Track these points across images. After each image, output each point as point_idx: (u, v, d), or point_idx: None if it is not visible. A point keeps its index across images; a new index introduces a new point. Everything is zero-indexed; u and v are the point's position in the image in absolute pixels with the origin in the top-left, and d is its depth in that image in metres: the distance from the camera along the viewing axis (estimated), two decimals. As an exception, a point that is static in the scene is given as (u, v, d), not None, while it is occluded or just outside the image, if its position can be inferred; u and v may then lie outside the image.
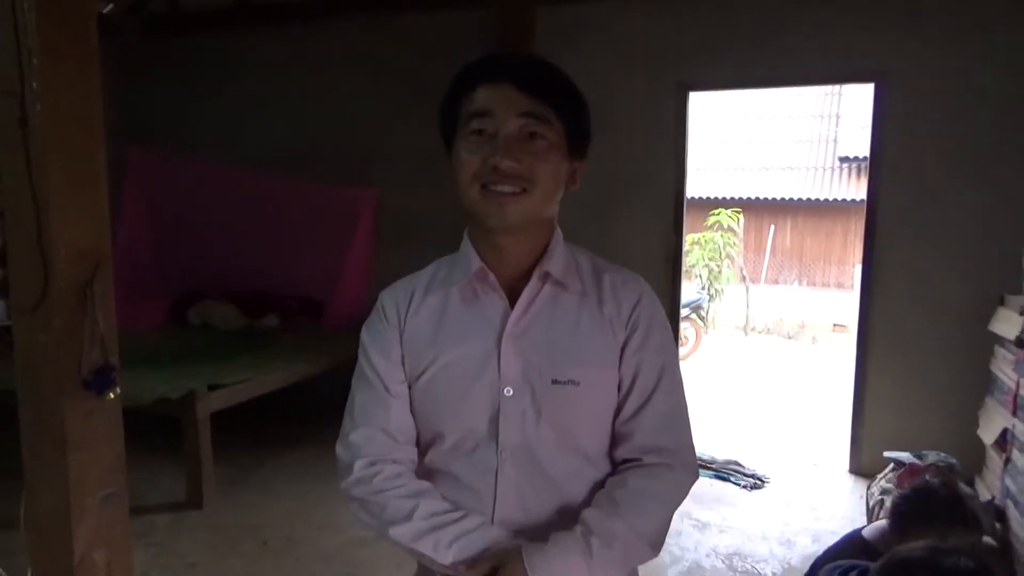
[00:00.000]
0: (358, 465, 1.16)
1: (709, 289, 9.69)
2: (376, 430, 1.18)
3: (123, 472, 2.01)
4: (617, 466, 1.20)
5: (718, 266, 10.00)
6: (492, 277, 1.17)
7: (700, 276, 9.85)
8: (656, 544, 1.15)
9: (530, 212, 1.13)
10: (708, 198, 11.97)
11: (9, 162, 1.79)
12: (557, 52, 4.49)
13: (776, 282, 12.70)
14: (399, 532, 1.12)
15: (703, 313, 8.97)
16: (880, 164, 3.96)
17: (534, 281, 1.17)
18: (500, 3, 4.53)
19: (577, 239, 1.23)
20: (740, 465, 4.27)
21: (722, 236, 10.11)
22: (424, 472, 1.21)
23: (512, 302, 1.17)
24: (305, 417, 5.03)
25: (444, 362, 1.17)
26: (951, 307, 3.84)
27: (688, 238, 10.44)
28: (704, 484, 4.07)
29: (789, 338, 10.12)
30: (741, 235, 10.73)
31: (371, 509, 1.15)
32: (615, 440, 1.20)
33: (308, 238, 5.26)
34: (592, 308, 1.18)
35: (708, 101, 4.57)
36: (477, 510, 1.15)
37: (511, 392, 1.14)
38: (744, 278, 10.73)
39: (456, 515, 1.13)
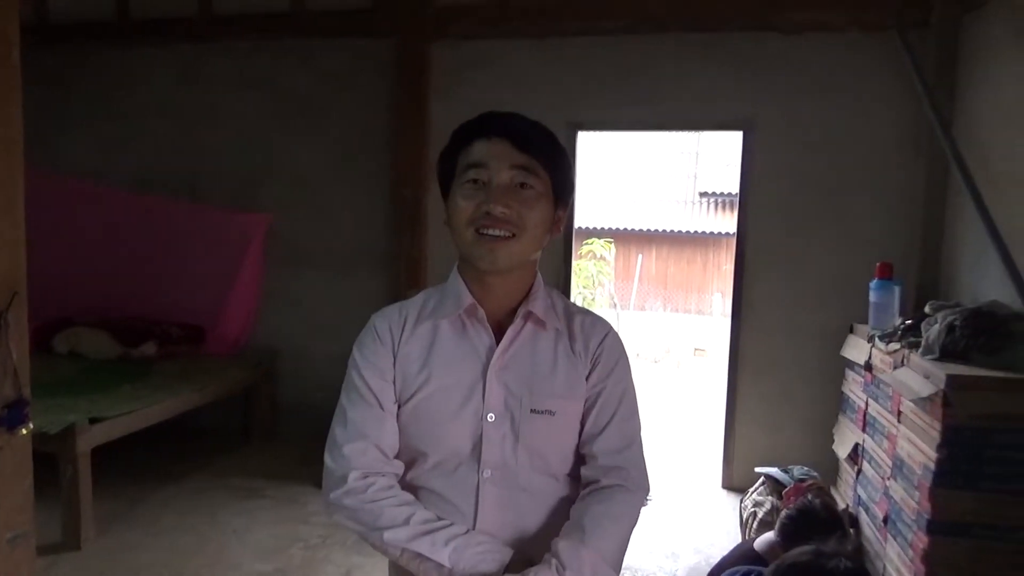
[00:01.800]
0: (352, 477, 1.24)
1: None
2: (369, 444, 1.26)
3: (31, 512, 1.91)
4: (582, 484, 1.33)
5: (591, 292, 10.45)
6: (481, 312, 1.30)
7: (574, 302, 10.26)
8: (618, 564, 1.28)
9: (518, 255, 1.26)
10: (582, 228, 12.50)
11: (-82, 186, 1.69)
12: (452, 86, 4.67)
13: (643, 308, 13.39)
14: (394, 535, 1.21)
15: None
16: (747, 202, 4.36)
17: (518, 320, 1.31)
18: (399, 35, 4.63)
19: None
20: (625, 484, 4.51)
21: (595, 264, 10.59)
22: (404, 488, 1.29)
23: (497, 336, 1.30)
24: (190, 449, 4.83)
25: (433, 388, 1.28)
26: (810, 333, 4.27)
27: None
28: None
29: (656, 362, 10.71)
30: (612, 263, 11.27)
31: (362, 518, 1.23)
32: (580, 461, 1.34)
33: (193, 262, 5.07)
34: (565, 345, 1.33)
35: (585, 137, 4.85)
36: (459, 522, 1.26)
37: (493, 418, 1.27)
38: (615, 304, 11.26)
39: (446, 523, 1.24)
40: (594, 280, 10.49)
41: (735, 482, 4.44)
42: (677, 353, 10.87)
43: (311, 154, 4.97)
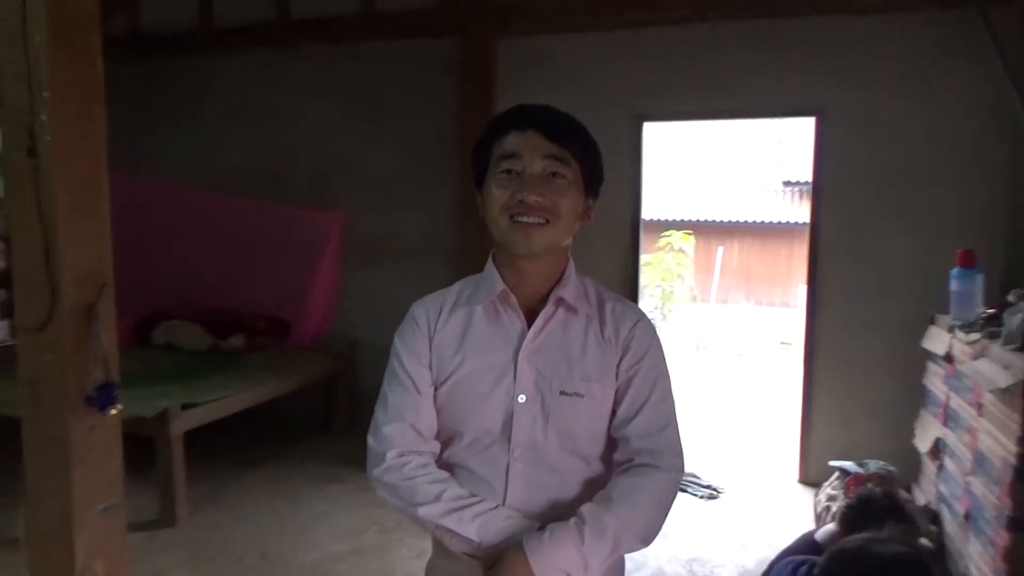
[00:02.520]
0: (390, 455, 1.31)
1: (661, 308, 9.99)
2: (406, 425, 1.33)
3: (121, 486, 2.09)
4: (614, 466, 1.36)
5: (670, 286, 10.32)
6: (513, 298, 1.35)
7: (653, 296, 10.16)
8: (646, 537, 1.30)
9: (551, 241, 1.31)
10: (660, 220, 12.35)
11: (18, 190, 1.88)
12: (518, 82, 4.73)
13: (725, 301, 13.12)
14: (427, 511, 1.27)
15: (658, 329, 9.24)
16: (820, 191, 4.25)
17: (549, 305, 1.35)
18: (464, 34, 4.73)
19: None
20: (696, 477, 4.48)
21: (673, 257, 10.46)
22: (443, 466, 1.36)
23: (529, 321, 1.34)
24: (274, 437, 5.09)
25: (467, 370, 1.34)
26: (887, 325, 4.12)
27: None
28: (663, 495, 4.26)
29: (738, 356, 10.49)
30: (692, 256, 11.10)
31: (401, 493, 1.30)
32: (612, 444, 1.37)
33: (276, 259, 5.33)
34: (596, 331, 1.36)
35: (661, 127, 4.85)
36: (490, 498, 1.31)
37: (524, 399, 1.32)
38: (695, 297, 11.09)
39: (476, 499, 1.29)
40: (673, 273, 10.36)
41: (811, 476, 4.34)
42: (761, 347, 10.61)
43: (382, 153, 5.13)
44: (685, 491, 4.31)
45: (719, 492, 4.30)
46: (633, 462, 1.33)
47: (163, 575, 3.30)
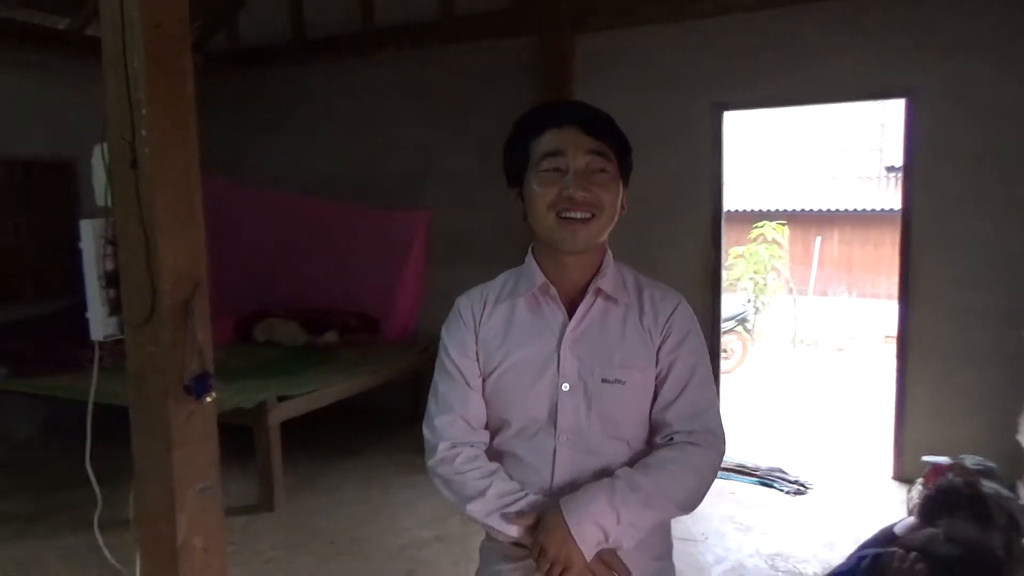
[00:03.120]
0: (442, 447, 1.38)
1: (755, 302, 9.73)
2: (456, 416, 1.40)
3: (217, 467, 2.27)
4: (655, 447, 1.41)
5: (763, 279, 10.03)
6: (553, 290, 1.39)
7: (745, 289, 9.90)
8: (682, 504, 1.33)
9: (596, 235, 1.35)
10: (752, 210, 12.01)
11: (123, 199, 2.08)
12: (594, 78, 4.77)
13: (825, 294, 12.62)
14: (474, 508, 1.34)
15: (748, 326, 9.03)
16: (913, 175, 4.07)
17: (589, 295, 1.39)
18: (540, 33, 4.79)
19: (619, 256, 1.46)
20: (784, 472, 4.38)
21: (767, 248, 10.15)
22: (493, 454, 1.42)
23: (569, 312, 1.39)
24: (366, 428, 5.31)
25: (512, 361, 1.39)
26: (988, 314, 3.91)
27: (732, 251, 10.51)
28: (748, 490, 4.20)
29: (839, 350, 10.08)
30: (786, 247, 10.74)
31: (453, 487, 1.37)
32: (653, 428, 1.41)
33: (366, 259, 5.57)
34: (635, 319, 1.40)
35: (751, 113, 4.77)
36: (537, 483, 1.37)
37: (568, 387, 1.36)
38: (791, 290, 10.73)
39: (520, 495, 1.35)
40: (766, 265, 10.06)
41: (906, 473, 4.17)
42: (863, 341, 10.17)
43: (463, 154, 5.26)
44: (771, 486, 4.23)
45: (807, 488, 4.20)
46: (674, 440, 1.37)
47: (261, 556, 3.53)
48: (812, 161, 13.25)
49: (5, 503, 4.08)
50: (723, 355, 8.41)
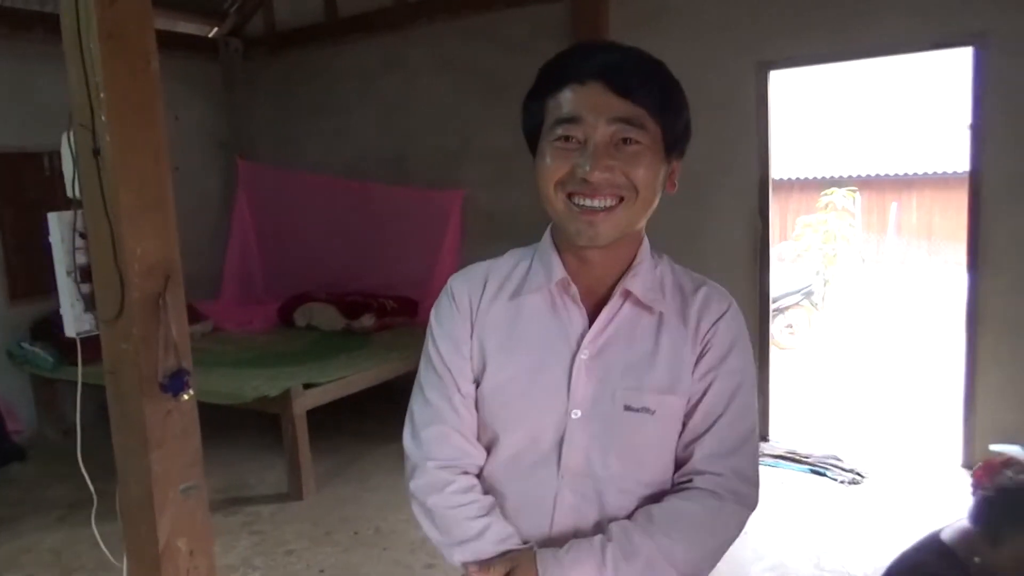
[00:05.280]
0: (431, 467, 1.13)
1: (823, 274, 9.24)
2: (447, 429, 1.14)
3: (200, 466, 2.18)
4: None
5: (832, 249, 9.52)
6: (574, 289, 1.11)
7: (813, 260, 9.42)
8: (689, 574, 1.07)
9: (625, 226, 1.06)
10: (820, 177, 11.38)
11: (88, 188, 1.99)
12: (632, 40, 4.42)
13: (903, 263, 11.91)
14: (461, 554, 1.09)
15: (815, 299, 8.56)
16: (982, 132, 3.66)
17: (615, 299, 1.11)
18: (573, -5, 4.53)
19: (659, 228, 1.19)
20: (839, 460, 4.07)
21: (837, 216, 9.63)
22: (483, 486, 1.16)
23: (592, 316, 1.11)
24: (400, 414, 5.22)
25: (512, 371, 1.12)
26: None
27: (799, 221, 10.01)
28: (798, 479, 3.93)
29: (916, 324, 9.48)
30: (858, 215, 10.16)
31: (439, 523, 1.12)
32: (676, 463, 1.14)
33: (402, 240, 5.47)
34: (673, 329, 1.11)
35: (816, 72, 4.41)
36: (529, 532, 1.12)
37: (579, 415, 1.09)
38: (863, 261, 10.16)
39: (521, 548, 1.09)
40: (835, 235, 9.53)
41: (975, 461, 3.80)
42: (944, 313, 9.52)
43: (498, 128, 5.05)
44: (824, 475, 3.94)
45: (863, 477, 3.89)
46: (693, 484, 1.09)
47: (284, 546, 3.48)
48: (886, 122, 12.44)
49: (52, 491, 4.16)
50: (787, 330, 8.06)
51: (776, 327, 7.89)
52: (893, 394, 5.64)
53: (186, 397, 2.09)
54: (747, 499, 1.11)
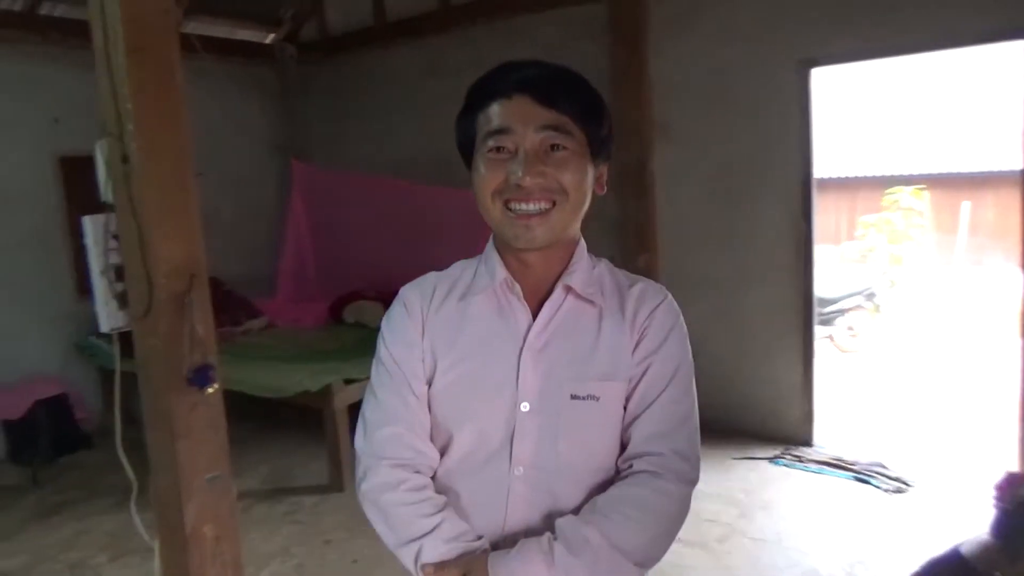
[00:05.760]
0: (384, 467, 1.16)
1: (887, 275, 8.92)
2: (401, 429, 1.17)
3: (227, 458, 2.28)
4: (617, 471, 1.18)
5: (898, 250, 9.19)
6: (517, 288, 1.17)
7: (879, 260, 9.11)
8: (641, 559, 1.10)
9: (559, 227, 1.12)
10: (884, 176, 10.95)
11: (118, 193, 2.11)
12: (670, 40, 4.45)
13: (979, 264, 11.36)
14: (410, 552, 1.12)
15: (876, 301, 8.27)
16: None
17: (556, 294, 1.17)
18: (612, -4, 4.51)
19: (698, 229, 1.24)
20: (884, 467, 3.95)
21: (903, 216, 9.29)
22: (436, 486, 1.20)
23: (536, 315, 1.17)
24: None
25: (461, 370, 1.17)
26: None
27: (862, 220, 9.69)
28: (840, 486, 3.82)
29: (988, 328, 9.04)
30: (927, 214, 9.77)
31: (391, 521, 1.15)
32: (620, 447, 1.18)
33: (447, 240, 5.54)
34: (612, 320, 1.17)
35: (879, 66, 4.28)
36: (484, 528, 1.15)
37: (528, 407, 1.14)
38: (932, 262, 9.76)
39: (476, 544, 1.13)
40: (901, 235, 9.20)
41: (1031, 473, 3.63)
42: (1009, 318, 9.05)
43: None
44: (868, 483, 3.83)
45: (908, 486, 3.76)
46: (632, 468, 1.14)
47: (323, 536, 3.60)
48: (960, 116, 11.88)
49: (113, 477, 4.39)
50: (848, 333, 7.81)
51: (836, 330, 7.68)
52: (950, 402, 5.42)
53: (211, 390, 2.19)
54: (687, 475, 1.14)
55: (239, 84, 6.08)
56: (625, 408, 1.16)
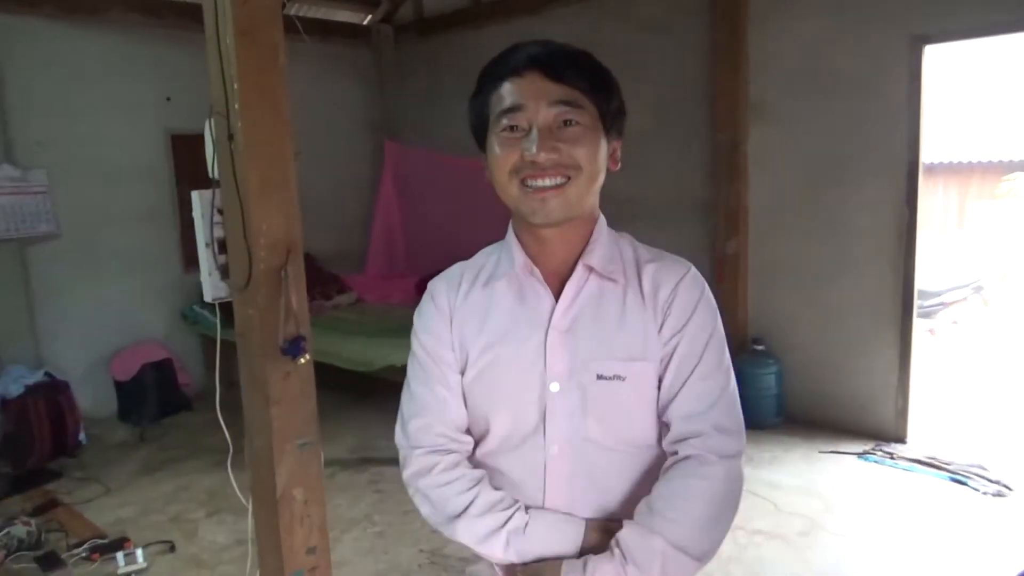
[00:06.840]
0: (417, 455, 1.22)
1: (999, 266, 8.40)
2: (432, 420, 1.22)
3: (316, 424, 2.38)
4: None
5: (1013, 239, 8.62)
6: (537, 271, 1.19)
7: (991, 251, 8.58)
8: (698, 548, 1.11)
9: (575, 202, 1.13)
10: (1000, 162, 10.24)
11: (224, 169, 2.22)
12: (771, 16, 4.28)
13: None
14: (458, 528, 1.18)
15: (985, 294, 7.81)
16: None
17: (578, 274, 1.18)
18: (713, -28, 4.39)
19: (792, 214, 1.22)
20: (984, 469, 3.75)
21: (1020, 204, 8.70)
22: (474, 466, 1.24)
23: (559, 296, 1.18)
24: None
25: (490, 357, 1.19)
26: None
27: (974, 208, 9.14)
28: (935, 487, 3.66)
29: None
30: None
31: (433, 502, 1.20)
32: (660, 426, 1.19)
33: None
34: (635, 299, 1.18)
35: (997, 43, 4.02)
36: (528, 501, 1.19)
37: (557, 388, 1.16)
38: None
39: (510, 510, 1.17)
40: (1017, 225, 8.62)
41: None
42: None
43: (633, 106, 4.97)
44: (965, 484, 3.65)
45: (1009, 490, 3.56)
46: (678, 455, 1.14)
47: (403, 506, 3.72)
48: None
49: (212, 438, 4.65)
50: (953, 326, 7.41)
51: (938, 323, 7.30)
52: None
53: (303, 361, 2.29)
54: (731, 448, 1.14)
55: (337, 64, 6.24)
56: (661, 386, 1.17)
